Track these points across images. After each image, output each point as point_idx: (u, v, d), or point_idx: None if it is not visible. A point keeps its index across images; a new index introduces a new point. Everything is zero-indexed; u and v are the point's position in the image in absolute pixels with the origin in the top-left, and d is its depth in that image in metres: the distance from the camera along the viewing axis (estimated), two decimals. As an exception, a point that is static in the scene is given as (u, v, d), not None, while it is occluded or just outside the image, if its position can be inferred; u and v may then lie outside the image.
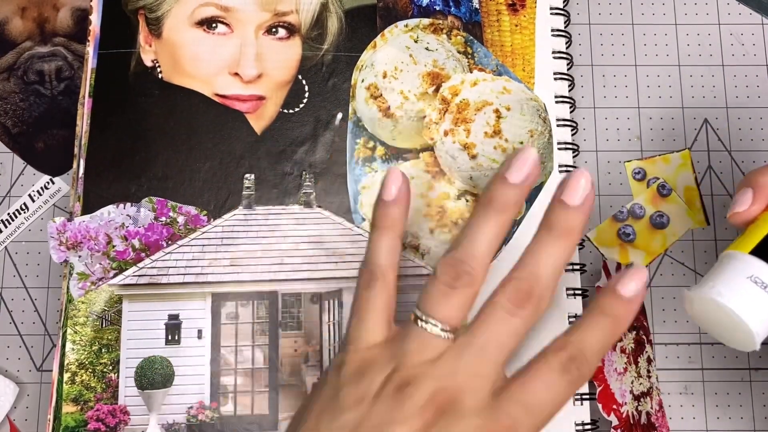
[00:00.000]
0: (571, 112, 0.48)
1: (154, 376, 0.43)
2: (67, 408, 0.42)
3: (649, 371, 0.45)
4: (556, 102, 0.48)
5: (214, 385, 0.43)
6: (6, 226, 0.49)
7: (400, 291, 0.44)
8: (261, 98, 0.47)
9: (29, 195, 0.49)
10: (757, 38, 0.52)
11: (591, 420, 0.44)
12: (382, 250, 0.36)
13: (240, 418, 0.43)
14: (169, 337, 0.44)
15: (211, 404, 0.43)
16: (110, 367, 0.43)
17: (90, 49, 0.48)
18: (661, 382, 0.47)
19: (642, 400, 0.45)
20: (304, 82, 0.47)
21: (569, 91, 0.49)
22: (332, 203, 0.46)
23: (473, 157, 0.46)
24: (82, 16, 0.51)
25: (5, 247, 0.49)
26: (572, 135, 0.48)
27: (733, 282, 0.35)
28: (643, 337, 0.46)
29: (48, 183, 0.49)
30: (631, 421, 0.44)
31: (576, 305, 0.45)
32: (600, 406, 0.44)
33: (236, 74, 0.47)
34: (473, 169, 0.46)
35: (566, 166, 0.47)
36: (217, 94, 0.47)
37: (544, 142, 0.47)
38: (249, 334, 0.44)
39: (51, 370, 0.44)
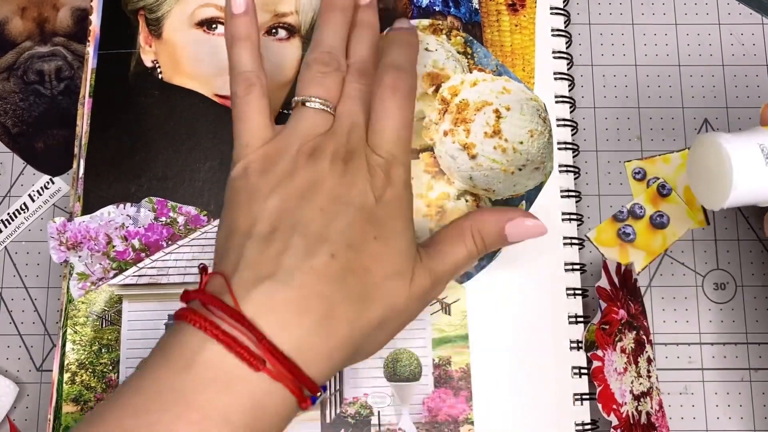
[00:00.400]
0: (571, 111, 0.48)
1: (154, 376, 0.43)
2: (68, 408, 0.43)
3: (649, 371, 0.45)
4: (556, 102, 0.48)
5: (214, 385, 0.43)
6: (6, 226, 0.49)
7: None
8: (261, 99, 0.47)
9: (29, 195, 0.49)
10: (757, 38, 0.52)
11: (591, 420, 0.44)
12: (247, 58, 0.39)
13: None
14: (169, 337, 0.43)
15: (211, 404, 0.43)
16: (110, 367, 0.43)
17: (90, 50, 0.48)
18: (661, 382, 0.47)
19: (642, 400, 0.45)
20: (303, 82, 0.47)
21: (569, 91, 0.49)
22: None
23: (473, 157, 0.46)
24: (81, 16, 0.51)
25: (5, 247, 0.49)
26: (572, 135, 0.48)
27: (744, 141, 0.38)
28: (643, 337, 0.46)
29: (48, 183, 0.49)
30: (631, 421, 0.44)
31: (576, 305, 0.45)
32: (600, 406, 0.44)
33: (236, 75, 0.47)
34: (473, 169, 0.46)
35: (566, 165, 0.47)
36: (217, 95, 0.47)
37: (544, 142, 0.47)
38: (249, 334, 0.44)
39: (51, 370, 0.44)
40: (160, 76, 0.47)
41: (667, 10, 0.53)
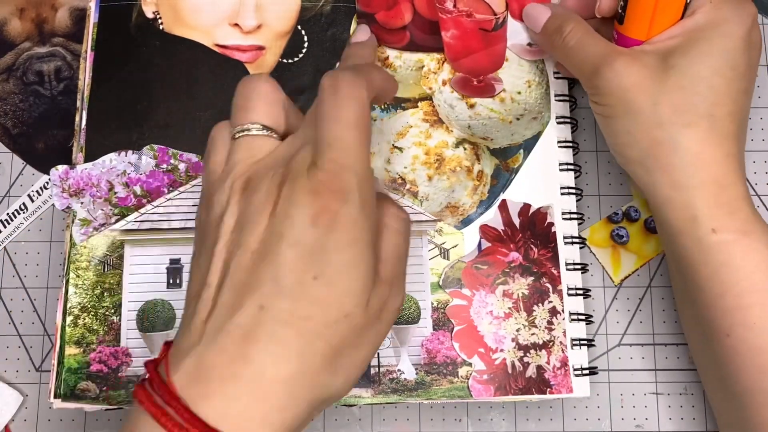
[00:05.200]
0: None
1: (156, 319, 0.43)
2: (70, 350, 0.43)
3: (551, 323, 0.44)
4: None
5: (215, 328, 0.43)
6: (5, 226, 0.49)
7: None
8: (260, 48, 0.47)
9: (28, 195, 0.49)
10: None
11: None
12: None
13: (241, 359, 0.43)
14: (171, 281, 0.44)
15: (212, 346, 0.43)
16: (112, 311, 0.44)
17: (92, 4, 0.48)
18: (660, 383, 0.46)
19: (532, 351, 0.43)
20: (303, 32, 0.48)
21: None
22: (331, 151, 0.46)
23: (471, 106, 0.47)
24: (80, 16, 0.51)
25: (4, 247, 0.49)
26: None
27: None
28: (548, 285, 0.44)
29: (47, 183, 0.49)
30: (509, 371, 0.43)
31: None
32: (457, 345, 0.43)
33: (236, 25, 0.47)
34: (471, 118, 0.47)
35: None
36: (217, 45, 0.47)
37: (542, 93, 0.47)
38: (249, 278, 0.44)
39: (49, 371, 0.44)
40: (161, 26, 0.48)
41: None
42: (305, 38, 0.48)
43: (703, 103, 0.39)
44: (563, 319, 0.44)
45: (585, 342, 0.44)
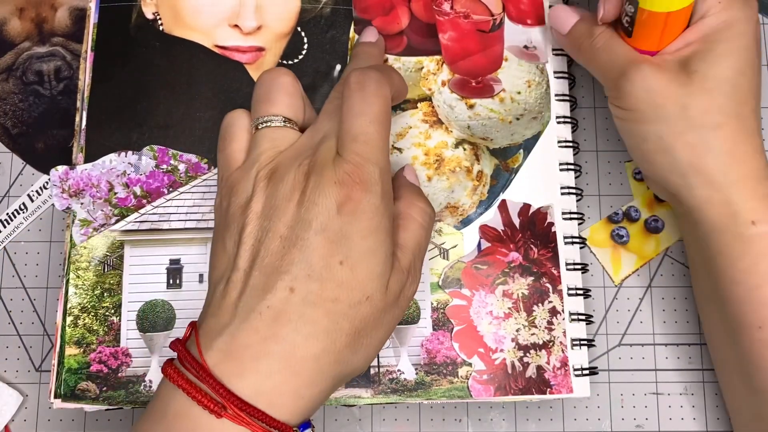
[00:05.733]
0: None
1: (156, 319, 0.43)
2: (70, 351, 0.43)
3: (551, 324, 0.44)
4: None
5: (215, 328, 0.44)
6: (5, 226, 0.49)
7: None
8: (260, 49, 0.47)
9: (28, 195, 0.49)
10: None
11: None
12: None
13: (240, 359, 0.43)
14: (171, 281, 0.44)
15: (212, 346, 0.43)
16: (112, 311, 0.44)
17: (92, 5, 0.48)
18: (660, 382, 0.46)
19: (532, 352, 0.44)
20: (303, 34, 0.48)
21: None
22: (331, 152, 0.46)
23: (471, 106, 0.47)
24: (80, 16, 0.51)
25: (4, 247, 0.49)
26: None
27: None
28: (548, 285, 0.45)
29: (47, 183, 0.49)
30: (509, 371, 0.43)
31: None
32: (457, 345, 0.43)
33: (236, 26, 0.47)
34: (471, 118, 0.47)
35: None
36: (217, 46, 0.47)
37: (542, 92, 0.47)
38: (249, 279, 0.44)
39: (49, 371, 0.44)
40: (161, 27, 0.48)
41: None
42: (305, 40, 0.48)
43: (729, 103, 0.39)
44: (563, 319, 0.44)
45: (585, 342, 0.44)
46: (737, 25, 0.40)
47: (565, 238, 0.45)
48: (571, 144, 0.47)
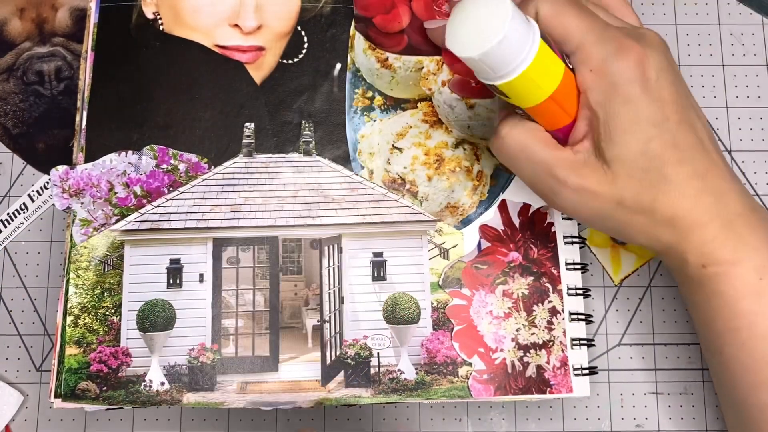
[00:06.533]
0: None
1: (156, 319, 0.43)
2: (70, 350, 0.43)
3: (551, 323, 0.44)
4: None
5: (216, 328, 0.44)
6: (5, 226, 0.49)
7: (396, 236, 0.45)
8: (261, 49, 0.47)
9: (29, 195, 0.49)
10: (757, 38, 0.52)
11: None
12: None
13: (241, 359, 0.43)
14: (171, 281, 0.44)
15: (212, 346, 0.43)
16: (112, 311, 0.44)
17: (92, 5, 0.48)
18: (660, 382, 0.47)
19: (532, 351, 0.44)
20: (303, 33, 0.48)
21: None
22: (331, 152, 0.46)
23: (471, 106, 0.47)
24: (80, 16, 0.51)
25: (5, 247, 0.49)
26: None
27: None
28: (548, 285, 0.45)
29: (47, 183, 0.49)
30: (509, 371, 0.43)
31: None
32: (457, 345, 0.43)
33: (236, 25, 0.47)
34: (471, 118, 0.47)
35: None
36: (217, 45, 0.47)
37: (541, 93, 0.47)
38: (250, 278, 0.44)
39: (50, 371, 0.44)
40: (161, 27, 0.48)
41: (667, 10, 0.53)
42: (305, 39, 0.48)
43: (653, 172, 0.38)
44: (563, 318, 0.44)
45: (585, 342, 0.44)
46: (618, 89, 0.37)
47: (564, 238, 0.45)
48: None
